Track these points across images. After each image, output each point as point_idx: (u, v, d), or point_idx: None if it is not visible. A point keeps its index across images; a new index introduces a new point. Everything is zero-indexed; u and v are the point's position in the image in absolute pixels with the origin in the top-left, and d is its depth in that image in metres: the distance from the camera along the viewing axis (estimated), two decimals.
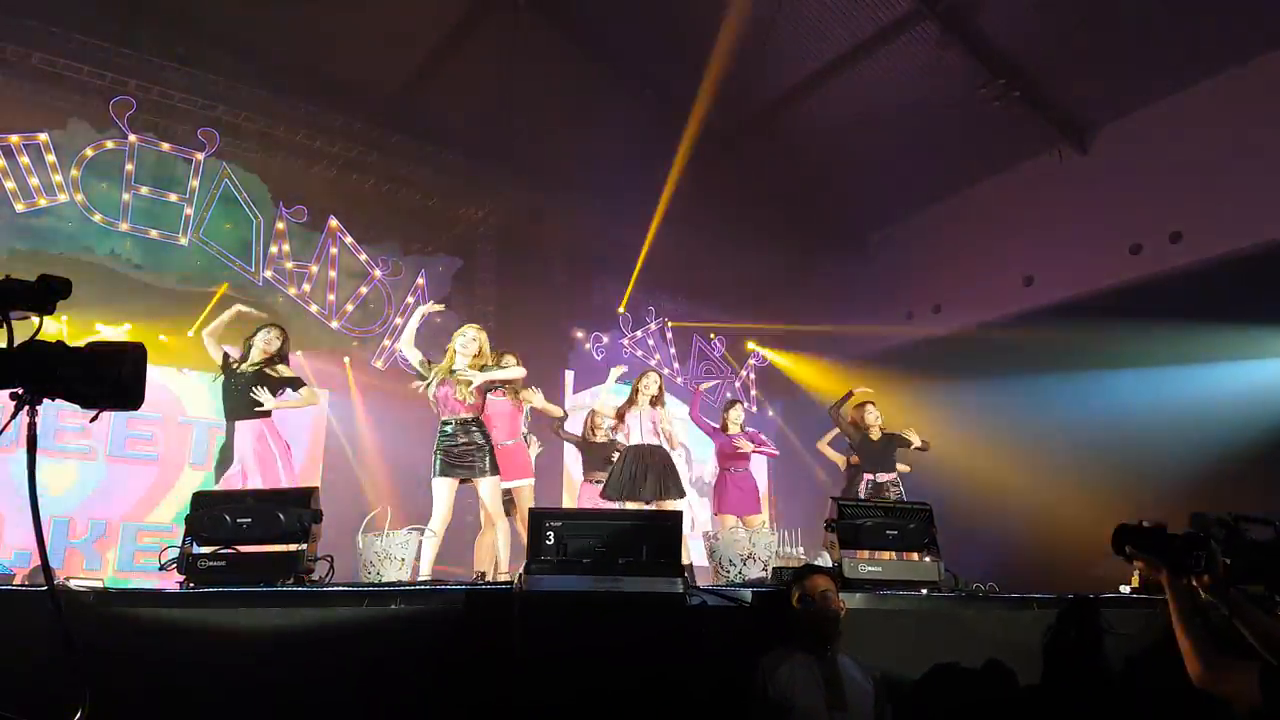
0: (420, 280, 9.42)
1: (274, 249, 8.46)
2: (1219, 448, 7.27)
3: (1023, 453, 8.68)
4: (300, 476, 6.05)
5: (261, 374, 5.36)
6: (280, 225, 8.50)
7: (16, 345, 1.38)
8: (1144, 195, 8.52)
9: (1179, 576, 2.15)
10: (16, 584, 4.84)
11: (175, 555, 3.52)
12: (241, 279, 8.30)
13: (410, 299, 9.32)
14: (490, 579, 4.91)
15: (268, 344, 5.47)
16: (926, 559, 4.03)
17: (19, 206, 7.23)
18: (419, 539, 4.56)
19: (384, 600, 3.12)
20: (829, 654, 3.05)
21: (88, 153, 7.52)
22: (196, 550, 3.52)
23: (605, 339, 10.62)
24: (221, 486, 5.16)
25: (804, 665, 3.00)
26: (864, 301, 11.28)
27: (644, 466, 5.95)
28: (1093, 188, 9.01)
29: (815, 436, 8.07)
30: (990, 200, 10.07)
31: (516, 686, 2.89)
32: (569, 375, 10.44)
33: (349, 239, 8.97)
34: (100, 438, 8.09)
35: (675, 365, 11.08)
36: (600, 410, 6.88)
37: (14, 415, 1.41)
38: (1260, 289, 7.44)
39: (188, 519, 3.61)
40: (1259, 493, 6.70)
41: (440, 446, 5.07)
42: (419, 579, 4.53)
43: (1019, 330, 9.26)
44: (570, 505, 8.26)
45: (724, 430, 7.18)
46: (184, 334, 7.97)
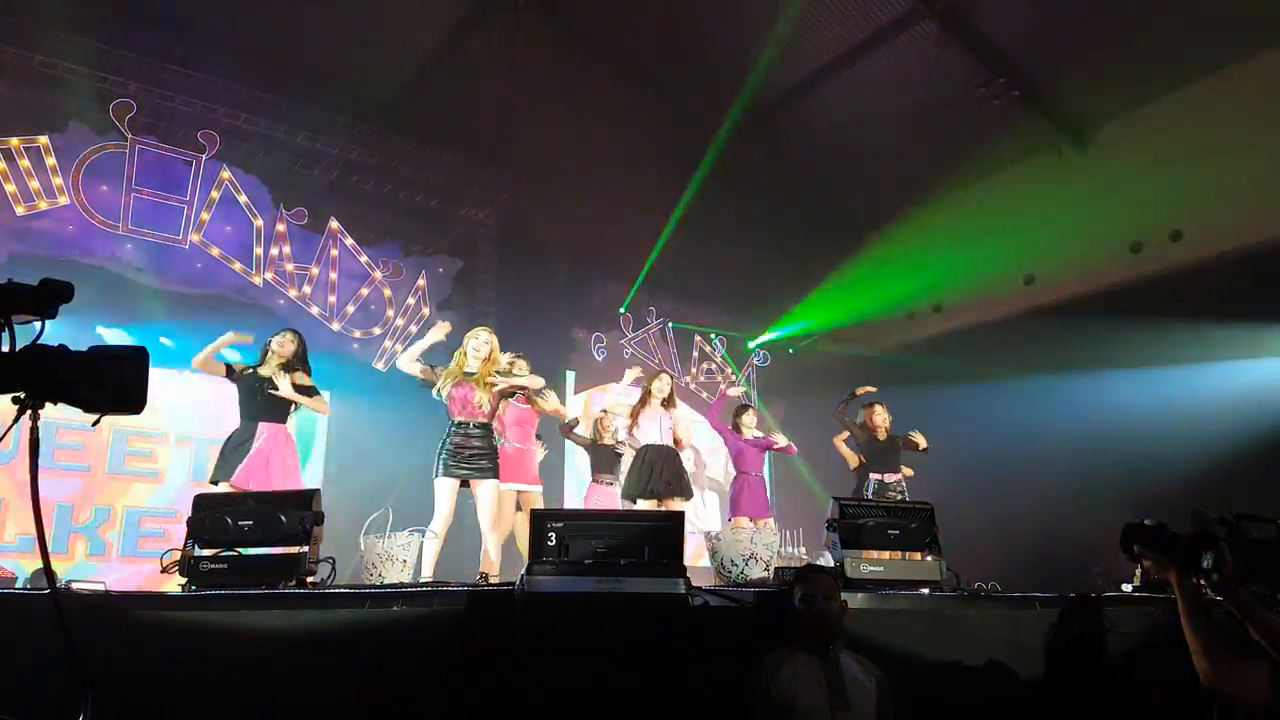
0: (421, 281, 9.43)
1: (274, 251, 8.46)
2: (1220, 446, 7.27)
3: (1024, 451, 8.67)
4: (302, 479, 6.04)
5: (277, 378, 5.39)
6: (280, 227, 8.50)
7: (18, 349, 1.38)
8: (1144, 194, 8.50)
9: (1188, 576, 2.15)
10: (18, 587, 4.84)
11: (177, 558, 3.53)
12: (242, 281, 8.30)
13: (411, 300, 9.32)
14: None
15: (281, 346, 5.48)
16: (928, 558, 4.03)
17: (19, 210, 7.23)
18: (420, 541, 4.56)
19: (386, 602, 3.12)
20: (831, 654, 3.05)
21: (88, 155, 7.51)
22: (198, 552, 3.53)
23: (606, 339, 10.62)
24: (235, 481, 5.14)
25: (806, 665, 3.00)
26: (864, 301, 11.27)
27: (656, 466, 6.05)
28: (1093, 185, 9.00)
29: (815, 437, 8.06)
30: (990, 198, 10.05)
31: (519, 688, 2.89)
32: (570, 375, 10.45)
33: (349, 240, 8.98)
34: (99, 455, 8.01)
35: (677, 365, 11.08)
36: (612, 410, 6.92)
37: (16, 419, 1.41)
38: (1261, 287, 7.44)
39: (189, 521, 3.61)
40: (1260, 492, 6.69)
41: (448, 446, 5.00)
42: (421, 581, 4.53)
43: (1020, 328, 9.26)
44: (578, 506, 8.28)
45: (738, 434, 7.23)
46: (183, 335, 7.94)
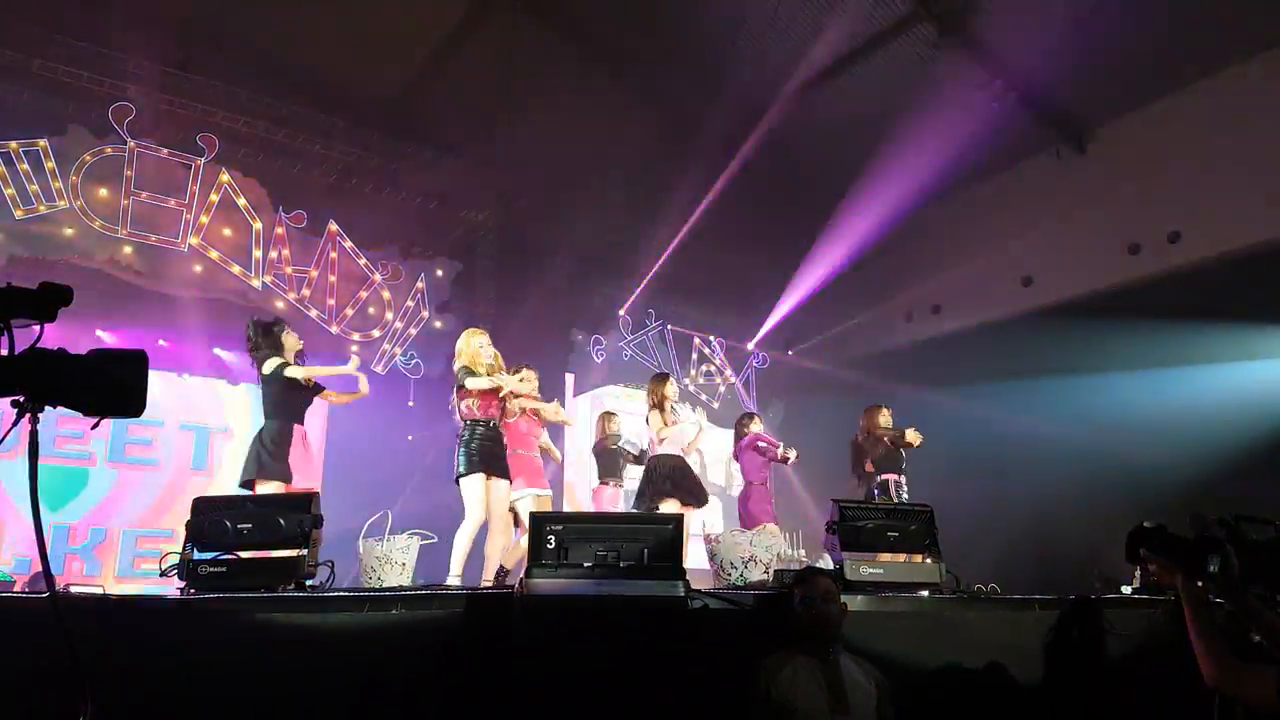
0: (420, 284, 9.43)
1: (273, 254, 8.46)
2: (1219, 448, 7.27)
3: (1022, 453, 8.68)
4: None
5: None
6: (280, 230, 8.50)
7: (18, 352, 1.38)
8: (1142, 195, 8.52)
9: (1193, 579, 2.13)
10: (16, 590, 4.84)
11: (176, 561, 3.52)
12: (241, 284, 8.30)
13: (410, 303, 9.32)
14: (494, 580, 4.91)
15: (299, 342, 5.49)
16: (928, 561, 4.03)
17: (18, 213, 7.23)
18: (420, 544, 4.56)
19: (385, 605, 3.12)
20: (831, 656, 3.05)
21: (87, 158, 7.52)
22: (197, 556, 3.52)
23: (605, 341, 10.62)
24: (294, 484, 5.11)
25: (806, 667, 3.00)
26: (864, 302, 11.28)
27: (675, 474, 6.12)
28: (1091, 188, 9.01)
29: (815, 438, 8.05)
30: (989, 201, 10.07)
31: (518, 690, 2.89)
32: (569, 378, 10.45)
33: (348, 243, 8.97)
34: (99, 444, 8.07)
35: (676, 368, 11.08)
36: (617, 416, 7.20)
37: (15, 422, 1.41)
38: (1259, 289, 7.45)
39: (188, 524, 3.60)
40: (1259, 493, 6.69)
41: (477, 445, 5.05)
42: (449, 581, 4.58)
43: (1018, 330, 9.26)
44: (587, 510, 8.41)
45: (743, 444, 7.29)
46: (185, 339, 7.95)
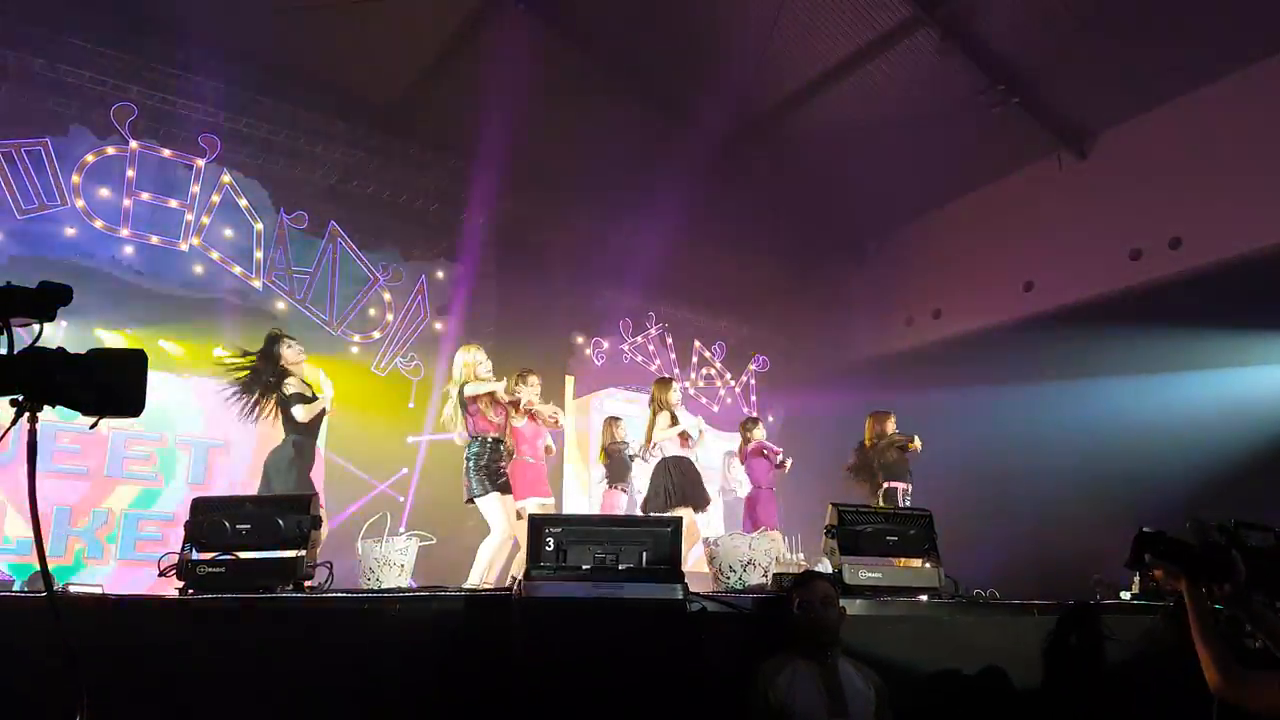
0: (421, 285, 9.43)
1: (275, 255, 8.46)
2: (1219, 454, 7.27)
3: (1022, 458, 8.67)
4: None
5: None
6: (280, 231, 8.51)
7: (17, 352, 1.38)
8: (1144, 200, 8.52)
9: (1199, 585, 2.11)
10: (15, 590, 4.83)
11: (175, 561, 3.52)
12: (242, 285, 8.30)
13: (411, 304, 9.33)
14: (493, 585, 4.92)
15: (299, 354, 5.47)
16: (927, 565, 4.02)
17: (20, 213, 7.24)
18: (418, 545, 4.56)
19: (383, 606, 3.12)
20: (829, 660, 3.04)
21: (88, 159, 7.52)
22: (195, 556, 3.52)
23: (606, 344, 10.62)
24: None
25: (804, 671, 2.99)
26: (864, 306, 11.28)
27: (683, 477, 6.21)
28: (1092, 193, 9.01)
29: (816, 439, 8.04)
30: (990, 206, 10.07)
31: (516, 692, 2.88)
32: (569, 381, 10.45)
33: (349, 244, 8.98)
34: (97, 459, 7.98)
35: (676, 371, 11.08)
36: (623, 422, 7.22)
37: (14, 422, 1.41)
38: (1260, 295, 7.45)
39: (187, 524, 3.60)
40: (1259, 499, 6.69)
41: (489, 464, 5.17)
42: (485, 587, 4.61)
43: (1019, 336, 9.26)
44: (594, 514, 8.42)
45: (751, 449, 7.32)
46: (185, 341, 7.94)
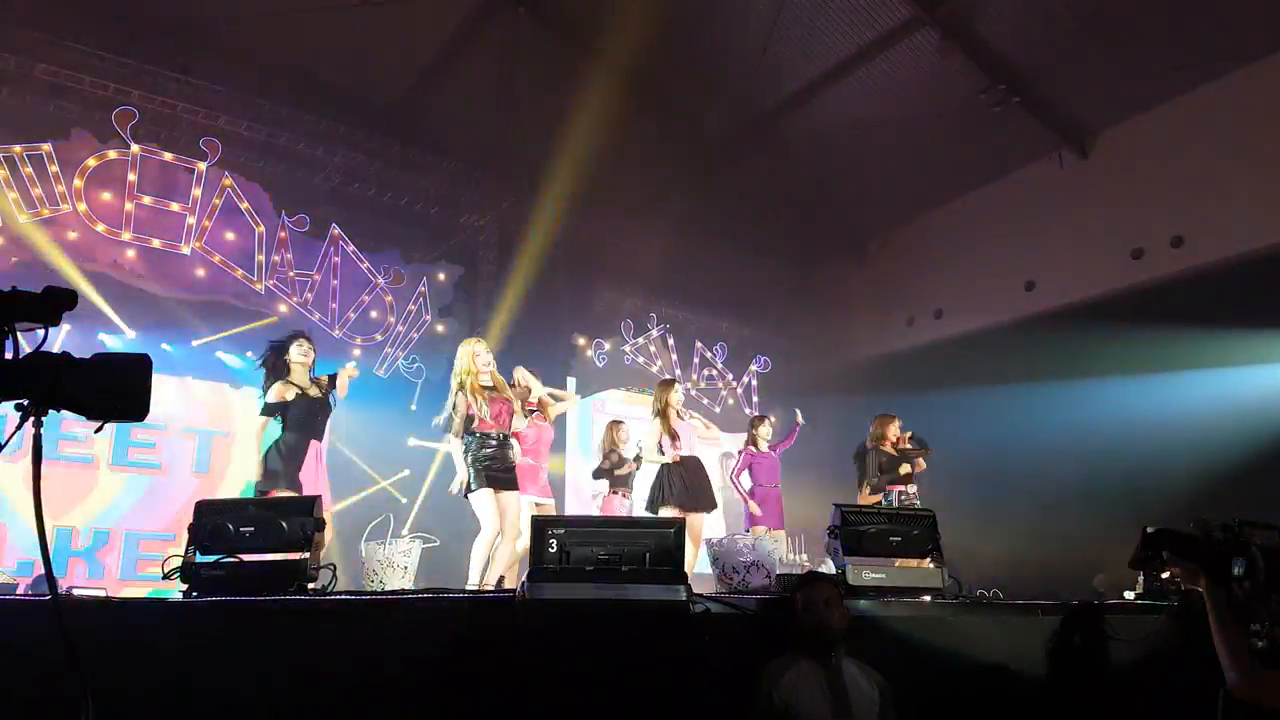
0: (422, 288, 9.44)
1: (276, 258, 8.47)
2: (1222, 452, 7.25)
3: (1025, 458, 8.66)
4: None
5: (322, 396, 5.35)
6: (282, 234, 8.52)
7: (21, 356, 1.38)
8: (1145, 200, 8.52)
9: (1218, 583, 2.10)
10: (19, 594, 4.84)
11: (178, 564, 3.52)
12: (243, 288, 8.31)
13: (413, 307, 9.34)
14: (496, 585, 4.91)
15: (306, 355, 5.35)
16: (930, 565, 4.02)
17: (22, 217, 7.25)
18: (421, 547, 4.56)
19: (386, 609, 3.12)
20: (833, 661, 3.04)
21: (90, 163, 7.54)
22: (199, 559, 3.52)
23: (607, 345, 10.62)
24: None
25: (808, 672, 2.99)
26: (865, 307, 11.28)
27: (691, 478, 6.14)
28: (1093, 193, 9.01)
29: (816, 440, 8.02)
30: (991, 205, 10.07)
31: (520, 694, 2.88)
32: (571, 382, 10.44)
33: (351, 247, 8.99)
34: (102, 447, 8.07)
35: (678, 372, 11.08)
36: (625, 425, 7.16)
37: (18, 427, 1.41)
38: (1262, 294, 7.44)
39: (190, 527, 3.60)
40: (1262, 498, 6.68)
41: (487, 458, 5.06)
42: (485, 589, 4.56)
43: (1020, 335, 9.25)
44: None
45: (754, 447, 7.24)
46: (187, 343, 7.94)
